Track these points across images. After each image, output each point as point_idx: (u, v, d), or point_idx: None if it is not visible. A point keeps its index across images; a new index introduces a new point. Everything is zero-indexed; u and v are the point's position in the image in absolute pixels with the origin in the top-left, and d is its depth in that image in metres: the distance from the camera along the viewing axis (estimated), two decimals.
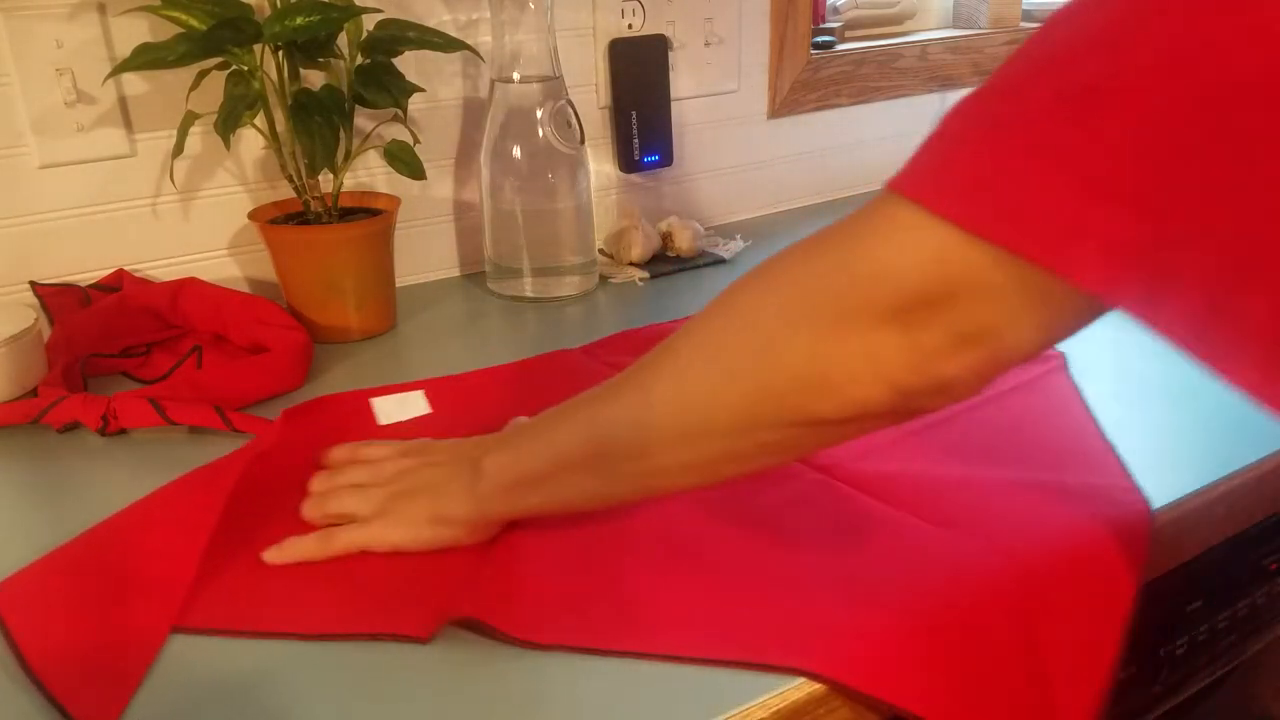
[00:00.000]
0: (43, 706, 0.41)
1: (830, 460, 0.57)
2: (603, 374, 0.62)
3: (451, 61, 0.88)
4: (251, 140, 0.81)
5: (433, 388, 0.70)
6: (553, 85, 0.83)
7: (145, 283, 0.79)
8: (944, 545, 0.50)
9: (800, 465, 0.57)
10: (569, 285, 0.88)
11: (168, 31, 0.69)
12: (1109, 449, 0.59)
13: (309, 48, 0.72)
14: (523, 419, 0.56)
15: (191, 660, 0.44)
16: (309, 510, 0.54)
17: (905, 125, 1.21)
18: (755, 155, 1.10)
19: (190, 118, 0.73)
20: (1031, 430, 0.61)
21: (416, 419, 0.66)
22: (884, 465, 0.57)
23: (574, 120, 0.84)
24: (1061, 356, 0.71)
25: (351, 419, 0.65)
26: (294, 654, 0.44)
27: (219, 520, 0.51)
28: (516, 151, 0.83)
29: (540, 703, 0.41)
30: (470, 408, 0.67)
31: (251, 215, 0.78)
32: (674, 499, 0.54)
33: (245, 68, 0.72)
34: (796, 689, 0.41)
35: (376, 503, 0.51)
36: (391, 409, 0.66)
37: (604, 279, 0.92)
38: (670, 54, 0.99)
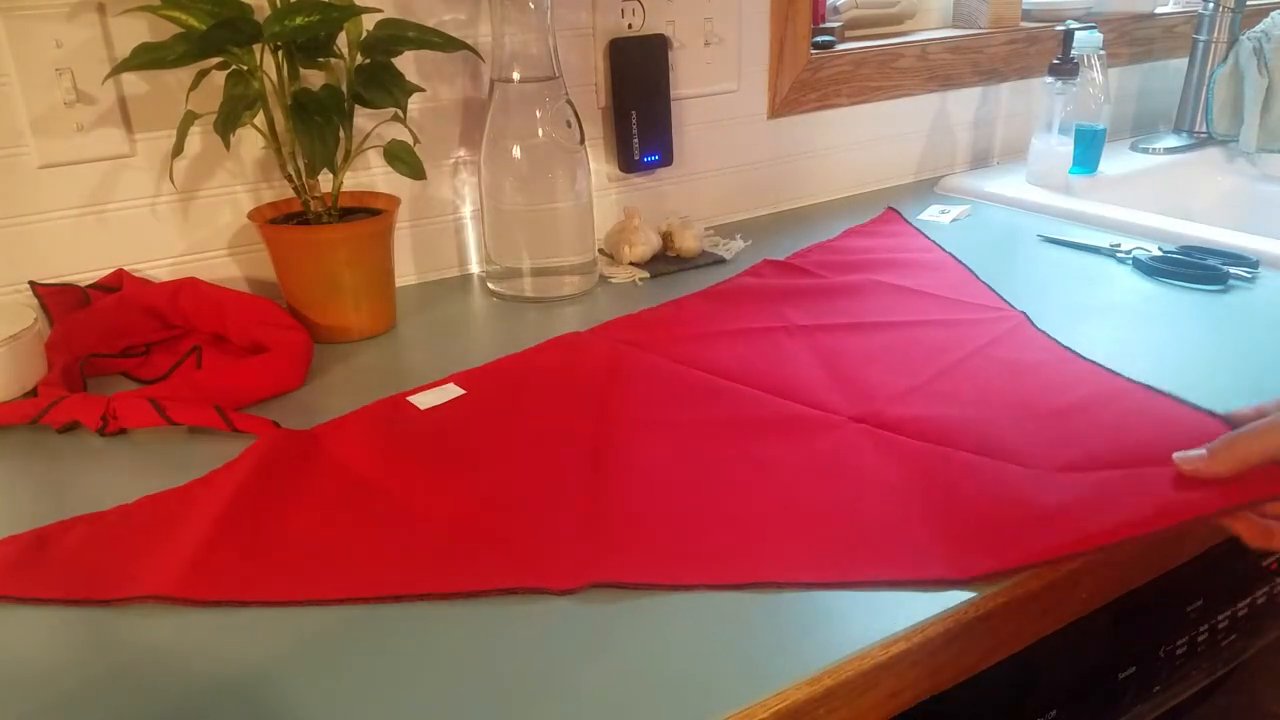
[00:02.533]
0: None
1: (867, 410, 0.64)
2: (617, 351, 0.74)
3: (451, 61, 0.88)
4: (251, 140, 0.81)
5: (459, 379, 0.71)
6: (553, 85, 0.83)
7: (145, 283, 0.79)
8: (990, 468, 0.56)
9: (839, 417, 0.63)
10: (569, 285, 0.88)
11: (167, 31, 0.69)
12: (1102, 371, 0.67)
13: (309, 48, 0.72)
14: None
15: (192, 659, 0.44)
16: None
17: (905, 125, 1.21)
18: (755, 155, 1.10)
19: (190, 118, 0.73)
20: (1025, 372, 0.69)
21: (454, 399, 0.68)
22: (910, 411, 0.63)
23: (574, 120, 0.84)
24: (1022, 315, 0.78)
25: (390, 414, 0.66)
26: (293, 650, 0.44)
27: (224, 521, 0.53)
28: (516, 151, 0.83)
29: (541, 699, 0.41)
30: (500, 388, 0.70)
31: (251, 215, 0.78)
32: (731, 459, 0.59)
33: (245, 67, 0.72)
34: (796, 689, 0.41)
35: None
36: (428, 398, 0.68)
37: (604, 279, 0.92)
38: (670, 54, 0.99)
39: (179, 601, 0.47)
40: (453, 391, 0.69)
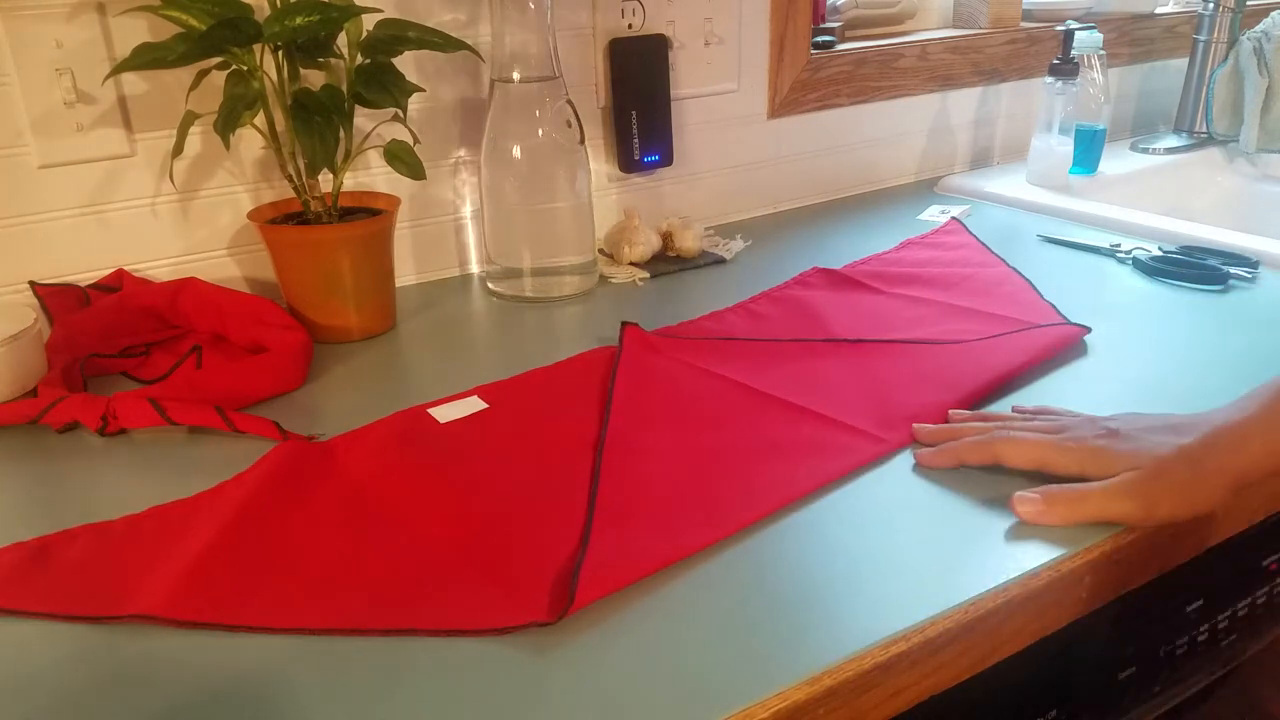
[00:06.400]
0: None
1: (903, 434, 0.62)
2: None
3: (451, 61, 0.88)
4: (251, 140, 0.81)
5: (483, 391, 0.69)
6: (553, 85, 0.83)
7: (145, 283, 0.79)
8: None
9: (869, 437, 0.61)
10: (569, 285, 0.88)
11: (167, 31, 0.69)
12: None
13: (309, 48, 0.72)
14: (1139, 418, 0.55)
15: (185, 670, 0.44)
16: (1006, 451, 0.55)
17: (905, 125, 1.21)
18: (755, 155, 1.10)
19: (190, 118, 0.73)
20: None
21: (477, 413, 0.66)
22: None
23: (574, 120, 0.84)
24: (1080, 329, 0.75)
25: (408, 428, 0.64)
26: (297, 652, 0.44)
27: (233, 532, 0.52)
28: (516, 151, 0.83)
29: (543, 699, 0.41)
30: (525, 400, 0.68)
31: (251, 215, 0.78)
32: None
33: (245, 68, 0.72)
34: (796, 689, 0.41)
35: (1084, 465, 0.52)
36: (450, 410, 0.66)
37: (604, 279, 0.92)
38: (670, 54, 0.99)
39: (164, 622, 0.46)
40: (475, 405, 0.67)
